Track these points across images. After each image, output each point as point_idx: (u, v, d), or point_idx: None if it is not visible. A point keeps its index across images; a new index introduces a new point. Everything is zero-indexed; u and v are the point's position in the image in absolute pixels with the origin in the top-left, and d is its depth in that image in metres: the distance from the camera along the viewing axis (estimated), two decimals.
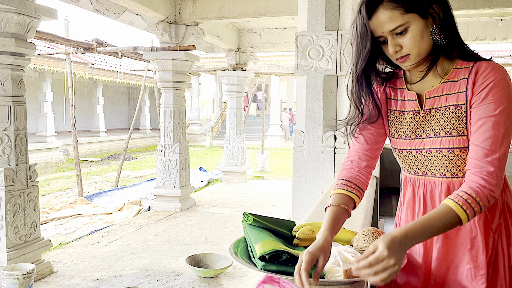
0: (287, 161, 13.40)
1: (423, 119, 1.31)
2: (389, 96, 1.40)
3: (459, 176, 1.26)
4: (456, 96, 1.24)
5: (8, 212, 3.77)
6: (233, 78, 9.40)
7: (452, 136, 1.25)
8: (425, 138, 1.30)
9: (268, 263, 1.16)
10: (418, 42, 1.19)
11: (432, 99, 1.29)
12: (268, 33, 8.84)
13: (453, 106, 1.25)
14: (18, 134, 3.89)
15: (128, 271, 4.30)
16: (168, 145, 6.86)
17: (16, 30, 3.76)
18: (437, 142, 1.27)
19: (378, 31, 1.21)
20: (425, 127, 1.31)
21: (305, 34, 3.15)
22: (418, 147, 1.32)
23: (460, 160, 1.25)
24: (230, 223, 6.16)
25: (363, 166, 1.39)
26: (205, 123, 24.17)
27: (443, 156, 1.27)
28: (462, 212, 1.09)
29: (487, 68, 1.20)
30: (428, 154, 1.30)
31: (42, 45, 12.17)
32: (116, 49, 6.77)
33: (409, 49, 1.20)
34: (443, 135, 1.26)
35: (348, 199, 1.29)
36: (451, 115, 1.25)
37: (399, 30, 1.18)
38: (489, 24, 7.07)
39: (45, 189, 9.00)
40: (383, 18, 1.18)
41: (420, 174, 1.34)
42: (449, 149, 1.25)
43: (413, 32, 1.18)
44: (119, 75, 16.69)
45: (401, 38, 1.20)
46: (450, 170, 1.27)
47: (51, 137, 13.70)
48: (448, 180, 1.28)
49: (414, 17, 1.18)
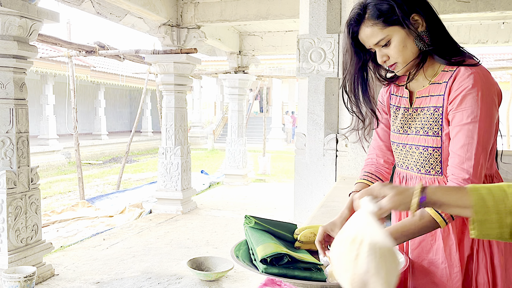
0: (289, 164, 13.39)
1: (410, 116, 1.40)
2: (392, 92, 1.50)
3: (431, 174, 1.34)
4: (437, 98, 1.31)
5: (9, 214, 3.77)
6: (235, 81, 9.41)
7: (428, 135, 1.33)
8: (409, 134, 1.40)
9: (269, 266, 1.16)
10: (401, 52, 1.26)
11: (420, 99, 1.37)
12: (269, 36, 8.85)
13: (432, 107, 1.32)
14: (20, 137, 3.90)
15: (129, 274, 4.29)
16: (170, 148, 6.86)
17: (18, 33, 3.77)
18: (416, 139, 1.37)
19: (366, 45, 1.31)
20: (411, 124, 1.40)
21: (306, 37, 3.15)
22: (404, 142, 1.41)
23: (433, 159, 1.33)
24: (232, 226, 6.15)
25: (381, 163, 1.53)
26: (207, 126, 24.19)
27: (420, 153, 1.36)
28: (437, 215, 1.16)
29: (464, 74, 1.23)
30: (410, 149, 1.40)
31: (44, 48, 12.21)
32: (118, 52, 6.78)
33: (395, 58, 1.28)
34: (421, 133, 1.35)
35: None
36: (430, 116, 1.33)
37: (382, 43, 1.26)
38: (491, 27, 7.06)
39: (47, 192, 9.01)
40: (366, 34, 1.27)
41: (403, 167, 1.45)
42: (424, 147, 1.34)
43: (395, 44, 1.26)
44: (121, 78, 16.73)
45: (386, 49, 1.28)
46: (424, 166, 1.35)
47: (53, 140, 13.73)
48: (421, 176, 1.37)
49: (394, 29, 1.24)
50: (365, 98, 1.39)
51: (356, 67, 1.35)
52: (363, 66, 1.38)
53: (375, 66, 1.40)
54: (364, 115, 1.43)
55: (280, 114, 21.50)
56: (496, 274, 1.30)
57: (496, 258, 1.30)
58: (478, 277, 1.30)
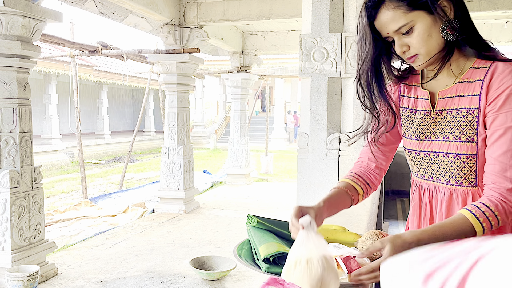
0: (291, 164, 13.39)
1: (433, 120, 1.23)
2: (402, 93, 1.33)
3: (463, 185, 1.19)
4: (470, 99, 1.15)
5: (13, 214, 3.78)
6: (237, 80, 9.41)
7: (461, 141, 1.17)
8: (434, 140, 1.23)
9: (272, 265, 1.16)
10: (425, 41, 1.11)
11: (445, 100, 1.21)
12: (272, 35, 8.85)
13: (465, 109, 1.16)
14: (23, 136, 3.91)
15: (132, 273, 4.30)
16: (172, 147, 6.87)
17: (21, 33, 3.78)
18: (445, 146, 1.20)
19: (383, 32, 1.15)
20: (435, 128, 1.23)
21: (309, 37, 3.15)
22: (427, 149, 1.25)
23: (466, 168, 1.17)
24: (234, 225, 6.16)
25: (372, 167, 1.37)
26: (209, 126, 24.22)
27: (449, 161, 1.19)
28: (478, 224, 1.04)
29: (505, 70, 1.09)
30: (435, 157, 1.22)
31: (47, 47, 12.24)
32: (121, 51, 6.79)
33: (416, 48, 1.13)
34: (451, 139, 1.19)
35: (353, 189, 1.31)
36: (461, 119, 1.16)
37: (404, 30, 1.11)
38: (494, 26, 7.04)
39: (50, 191, 9.04)
40: (386, 18, 1.11)
41: (426, 178, 1.28)
42: (456, 154, 1.17)
43: (419, 31, 1.10)
44: (123, 77, 16.76)
45: (407, 38, 1.12)
46: (455, 177, 1.19)
47: (56, 139, 13.77)
48: (451, 188, 1.21)
49: (419, 15, 1.09)
50: (380, 92, 1.25)
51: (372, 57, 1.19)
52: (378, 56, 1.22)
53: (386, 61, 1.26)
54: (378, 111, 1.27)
55: (283, 114, 21.50)
56: None
57: None
58: None
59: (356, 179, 1.34)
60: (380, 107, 1.27)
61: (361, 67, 1.21)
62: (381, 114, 1.28)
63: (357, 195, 1.31)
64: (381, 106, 1.27)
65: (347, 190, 1.29)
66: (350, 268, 1.11)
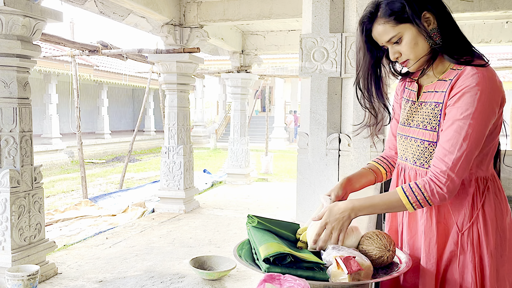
0: (291, 164, 13.39)
1: (415, 109, 1.44)
2: (406, 86, 1.54)
3: (424, 167, 1.38)
4: (440, 94, 1.35)
5: (13, 213, 3.78)
6: (237, 80, 9.41)
7: (426, 129, 1.37)
8: (412, 127, 1.44)
9: (272, 266, 1.16)
10: (413, 49, 1.31)
11: (427, 94, 1.41)
12: (272, 35, 8.85)
13: (434, 103, 1.36)
14: (23, 136, 3.91)
15: (132, 273, 4.30)
16: (173, 147, 6.87)
17: (22, 33, 3.78)
18: (415, 132, 1.41)
19: (379, 42, 1.36)
20: (415, 117, 1.43)
21: (309, 37, 3.15)
22: (406, 134, 1.46)
23: (427, 152, 1.36)
24: (234, 225, 6.16)
25: (392, 154, 1.64)
26: (209, 125, 24.21)
27: (417, 146, 1.40)
28: (404, 198, 1.26)
29: (469, 73, 1.25)
30: (410, 141, 1.44)
31: (47, 47, 12.25)
32: (121, 51, 6.79)
33: (406, 55, 1.33)
34: (421, 127, 1.39)
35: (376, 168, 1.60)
36: (430, 111, 1.37)
37: (394, 40, 1.31)
38: (495, 26, 7.04)
39: (50, 191, 9.04)
40: (378, 31, 1.33)
41: (403, 159, 1.49)
42: (421, 140, 1.38)
43: (406, 41, 1.30)
44: (123, 77, 16.76)
45: (398, 46, 1.33)
46: (419, 159, 1.40)
47: (56, 139, 13.78)
48: (416, 168, 1.42)
49: (406, 27, 1.29)
50: (378, 94, 1.45)
51: (369, 63, 1.41)
52: (377, 63, 1.43)
53: (389, 62, 1.45)
54: (376, 110, 1.48)
55: (283, 114, 21.49)
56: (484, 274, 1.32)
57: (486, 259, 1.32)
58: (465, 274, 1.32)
59: (380, 160, 1.63)
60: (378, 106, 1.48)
61: (359, 73, 1.43)
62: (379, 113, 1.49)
63: (380, 173, 1.59)
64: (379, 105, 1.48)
65: (370, 168, 1.58)
66: (350, 268, 1.11)
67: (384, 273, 1.24)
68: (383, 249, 1.23)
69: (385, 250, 1.23)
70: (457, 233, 1.34)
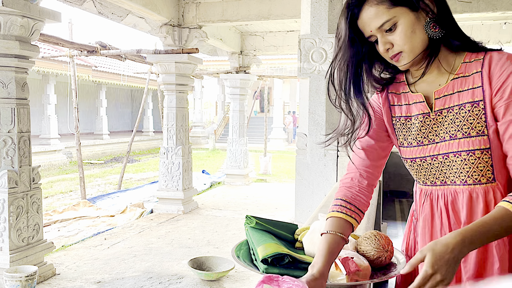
0: (290, 164, 13.39)
1: (434, 121, 1.18)
2: (392, 103, 1.28)
3: (482, 183, 1.13)
4: (471, 92, 1.12)
5: (11, 214, 3.77)
6: (236, 81, 9.41)
7: (471, 136, 1.12)
8: (440, 142, 1.18)
9: (270, 266, 1.16)
10: (409, 38, 1.09)
11: (443, 99, 1.17)
12: (271, 36, 8.85)
13: (469, 103, 1.12)
14: (21, 137, 3.91)
15: (131, 274, 4.30)
16: (171, 147, 6.87)
17: (20, 33, 3.78)
18: (454, 145, 1.14)
19: (367, 30, 1.13)
20: (437, 130, 1.18)
21: (308, 37, 3.15)
22: (433, 153, 1.19)
23: (482, 164, 1.11)
24: (233, 226, 6.15)
25: (364, 185, 1.27)
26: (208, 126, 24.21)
27: (462, 160, 1.13)
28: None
29: (501, 58, 1.08)
30: (445, 159, 1.16)
31: (46, 47, 12.23)
32: (120, 52, 6.79)
33: (400, 45, 1.10)
34: (460, 136, 1.13)
35: (346, 224, 1.17)
36: (467, 114, 1.12)
37: (387, 26, 1.09)
38: (493, 27, 7.05)
39: (48, 192, 9.03)
40: (369, 15, 1.10)
41: (438, 184, 1.21)
42: (469, 151, 1.12)
43: (402, 27, 1.09)
44: (122, 77, 16.75)
45: (390, 35, 1.11)
46: (472, 175, 1.13)
47: (55, 140, 13.75)
48: (470, 188, 1.14)
49: (402, 11, 1.08)
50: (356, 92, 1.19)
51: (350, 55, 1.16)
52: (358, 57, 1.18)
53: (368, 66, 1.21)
54: (355, 114, 1.21)
55: (281, 114, 21.50)
56: None
57: None
58: None
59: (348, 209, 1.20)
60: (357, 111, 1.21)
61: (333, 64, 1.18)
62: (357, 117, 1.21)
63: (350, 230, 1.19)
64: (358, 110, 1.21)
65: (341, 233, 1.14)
66: (348, 269, 1.11)
67: (382, 273, 1.24)
68: (381, 250, 1.23)
69: (383, 251, 1.23)
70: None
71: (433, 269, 0.90)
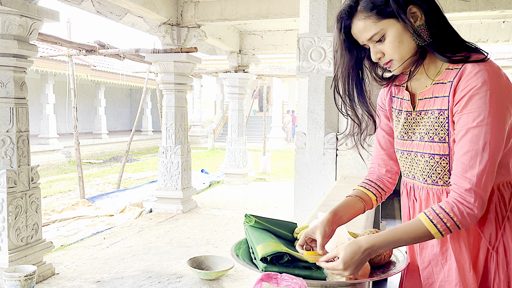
0: (289, 163, 13.39)
1: (414, 120, 1.27)
2: (393, 94, 1.36)
3: (438, 184, 1.21)
4: (441, 100, 1.18)
5: (10, 214, 3.77)
6: (235, 80, 9.41)
7: (434, 141, 1.20)
8: (414, 140, 1.27)
9: (269, 265, 1.16)
10: (397, 48, 1.15)
11: (424, 101, 1.24)
12: (270, 35, 8.85)
13: (437, 110, 1.19)
14: (20, 136, 3.90)
15: (130, 273, 4.29)
16: (170, 147, 6.86)
17: (18, 32, 3.77)
18: (421, 146, 1.24)
19: (360, 40, 1.20)
20: (415, 129, 1.27)
21: (307, 36, 3.15)
22: (408, 149, 1.29)
23: (440, 168, 1.19)
24: (232, 225, 6.16)
25: (383, 172, 1.42)
26: (207, 125, 24.20)
27: (425, 161, 1.22)
28: (432, 226, 1.08)
29: (471, 72, 1.10)
30: (415, 157, 1.26)
31: (44, 47, 12.21)
32: (118, 51, 6.78)
33: (390, 55, 1.17)
34: (426, 139, 1.22)
35: (364, 195, 1.36)
36: (434, 120, 1.20)
37: (377, 38, 1.15)
38: (491, 26, 7.06)
39: (47, 191, 9.02)
40: (358, 28, 1.16)
41: (410, 177, 1.32)
42: (430, 154, 1.21)
43: (390, 38, 1.14)
44: (121, 77, 16.73)
45: (380, 45, 1.17)
46: (431, 176, 1.22)
47: (53, 139, 13.73)
48: (428, 186, 1.25)
49: (389, 23, 1.13)
50: (360, 99, 1.27)
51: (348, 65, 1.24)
52: (357, 64, 1.26)
53: (371, 65, 1.28)
54: (360, 118, 1.30)
55: (281, 113, 21.51)
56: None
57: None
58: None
59: (368, 185, 1.39)
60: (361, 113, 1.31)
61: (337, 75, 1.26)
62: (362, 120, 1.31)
63: (369, 200, 1.36)
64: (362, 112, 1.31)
65: (358, 196, 1.35)
66: None
67: (381, 272, 1.24)
68: None
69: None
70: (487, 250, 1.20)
71: (344, 266, 1.07)
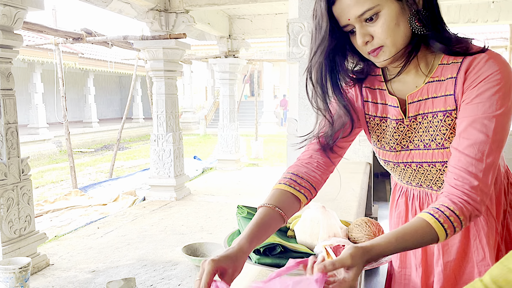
0: (282, 147, 13.42)
1: (408, 128, 1.10)
2: (365, 99, 1.17)
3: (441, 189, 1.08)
4: (444, 100, 1.02)
5: (1, 206, 3.74)
6: (225, 65, 9.34)
7: (445, 148, 1.04)
8: (413, 150, 1.11)
9: (262, 256, 1.16)
10: (392, 31, 0.95)
11: (417, 104, 1.07)
12: (259, 19, 8.76)
13: (441, 112, 1.03)
14: (8, 128, 3.85)
15: (125, 262, 4.31)
16: (161, 134, 6.83)
17: (2, 22, 3.69)
18: (428, 155, 1.08)
19: (343, 19, 0.97)
20: (411, 137, 1.10)
21: (296, 21, 3.12)
22: (406, 160, 1.13)
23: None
24: (226, 211, 6.18)
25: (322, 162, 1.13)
26: (199, 111, 24.08)
27: (438, 170, 1.08)
28: (442, 230, 0.89)
29: (480, 61, 0.96)
30: (420, 168, 1.11)
31: (30, 35, 11.99)
32: (106, 38, 6.68)
33: (381, 39, 0.96)
34: (434, 147, 1.06)
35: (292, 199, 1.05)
36: (440, 124, 1.04)
37: (368, 15, 0.94)
38: (481, 6, 7.05)
39: (39, 181, 8.96)
40: (348, 1, 0.94)
41: (414, 184, 1.17)
42: (443, 163, 1.06)
43: (385, 18, 0.94)
44: (109, 64, 16.52)
45: (371, 26, 0.96)
46: (436, 183, 1.12)
47: (43, 129, 13.59)
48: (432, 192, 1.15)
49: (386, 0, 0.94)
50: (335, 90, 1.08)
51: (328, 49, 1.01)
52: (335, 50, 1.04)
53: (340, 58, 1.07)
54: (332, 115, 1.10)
55: (272, 98, 21.46)
56: None
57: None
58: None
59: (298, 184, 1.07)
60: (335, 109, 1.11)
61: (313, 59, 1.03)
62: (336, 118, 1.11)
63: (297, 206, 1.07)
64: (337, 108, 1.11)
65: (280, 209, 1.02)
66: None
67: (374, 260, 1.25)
68: (372, 237, 1.24)
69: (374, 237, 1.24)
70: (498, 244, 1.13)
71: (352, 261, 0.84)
